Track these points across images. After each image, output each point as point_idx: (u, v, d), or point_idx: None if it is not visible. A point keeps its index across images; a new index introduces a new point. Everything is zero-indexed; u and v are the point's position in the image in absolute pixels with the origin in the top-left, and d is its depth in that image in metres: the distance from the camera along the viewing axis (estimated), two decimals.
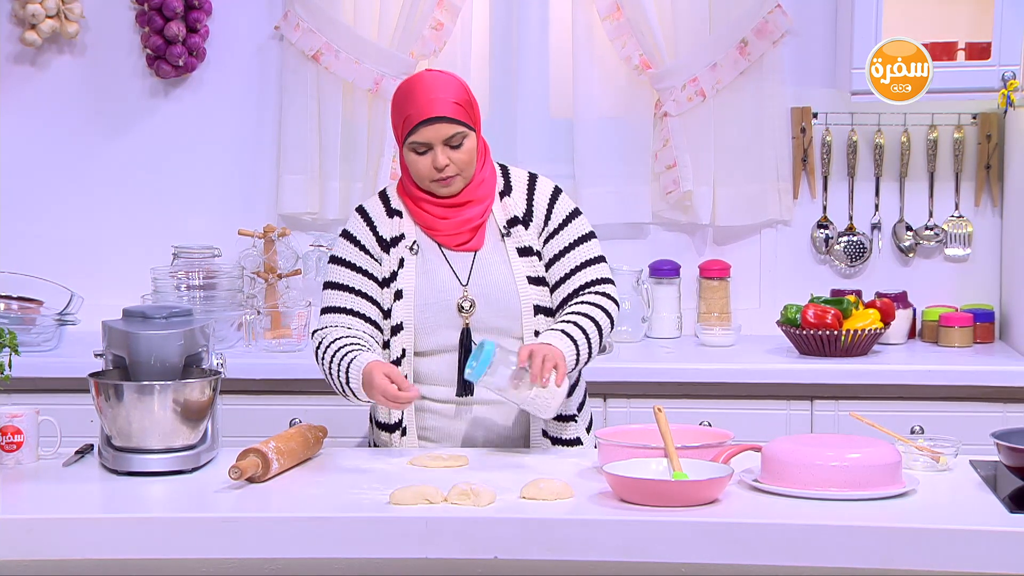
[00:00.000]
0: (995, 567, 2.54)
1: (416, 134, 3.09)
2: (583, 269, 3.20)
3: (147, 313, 2.98)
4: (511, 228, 3.19)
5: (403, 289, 3.16)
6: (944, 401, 3.99)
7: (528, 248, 3.18)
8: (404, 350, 3.16)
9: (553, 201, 3.22)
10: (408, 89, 3.12)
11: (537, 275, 3.18)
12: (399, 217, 3.20)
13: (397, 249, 3.18)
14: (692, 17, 4.42)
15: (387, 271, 3.18)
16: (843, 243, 4.52)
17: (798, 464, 2.73)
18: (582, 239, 3.21)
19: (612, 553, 2.60)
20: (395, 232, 3.19)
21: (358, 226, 3.22)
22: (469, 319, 3.15)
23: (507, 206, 3.20)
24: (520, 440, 3.21)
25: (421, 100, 3.08)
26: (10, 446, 2.97)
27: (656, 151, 4.49)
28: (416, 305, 3.16)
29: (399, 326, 3.16)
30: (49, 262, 4.49)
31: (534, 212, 3.20)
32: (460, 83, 3.15)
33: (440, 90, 3.09)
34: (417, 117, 3.07)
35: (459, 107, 3.10)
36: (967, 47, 4.22)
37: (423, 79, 3.13)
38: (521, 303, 3.16)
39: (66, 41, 4.55)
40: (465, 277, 3.16)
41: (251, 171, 4.58)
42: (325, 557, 2.64)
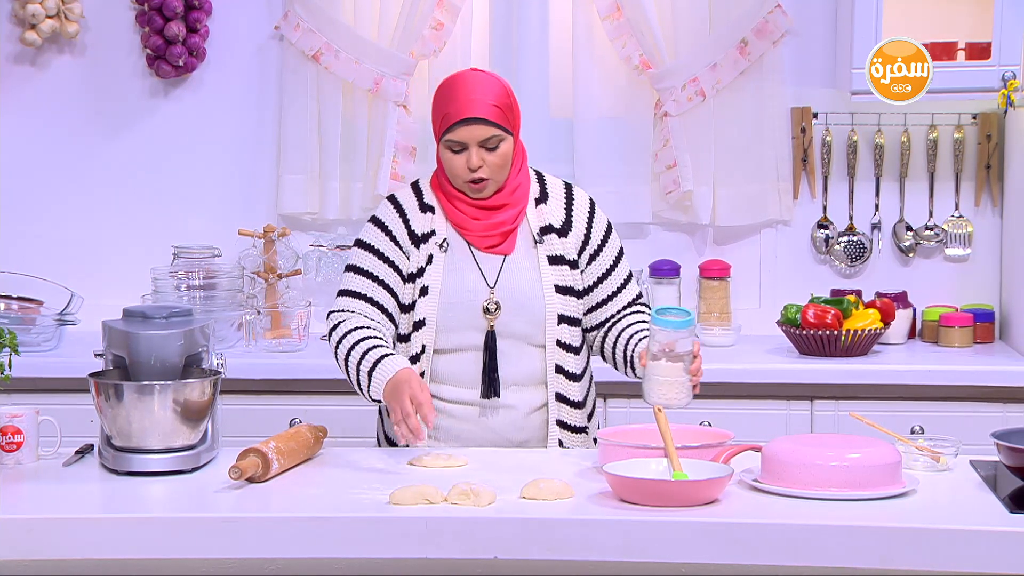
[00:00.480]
0: (995, 567, 2.54)
1: (452, 133, 3.09)
2: (623, 290, 3.25)
3: (147, 313, 2.98)
4: (544, 236, 3.19)
5: (429, 286, 3.16)
6: (944, 401, 4.00)
7: (560, 257, 3.19)
8: (424, 346, 3.16)
9: (592, 216, 3.24)
10: (450, 86, 3.12)
11: (565, 284, 3.19)
12: (431, 213, 3.20)
13: (427, 245, 3.18)
14: (692, 17, 4.42)
15: (414, 266, 3.18)
16: (843, 243, 4.52)
17: (798, 464, 2.73)
18: (619, 257, 3.26)
19: (612, 553, 2.60)
20: (427, 228, 3.19)
21: (390, 216, 3.21)
22: (494, 322, 3.15)
23: (542, 213, 3.20)
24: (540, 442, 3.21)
25: (461, 99, 3.08)
26: (10, 446, 2.97)
27: (656, 151, 4.49)
28: (441, 303, 3.15)
29: (422, 322, 3.16)
30: (49, 262, 4.49)
31: (573, 224, 3.21)
32: (503, 86, 3.14)
33: (481, 91, 3.09)
34: (455, 116, 3.07)
35: (498, 110, 3.09)
36: (967, 47, 4.22)
37: (466, 78, 3.13)
38: (546, 311, 3.16)
39: (66, 41, 4.55)
40: (493, 280, 3.16)
41: (251, 171, 4.58)
42: (325, 557, 2.64)
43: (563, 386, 3.19)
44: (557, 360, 3.18)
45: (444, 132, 3.10)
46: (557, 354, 3.18)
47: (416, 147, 4.50)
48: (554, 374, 3.18)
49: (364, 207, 4.52)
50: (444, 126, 3.09)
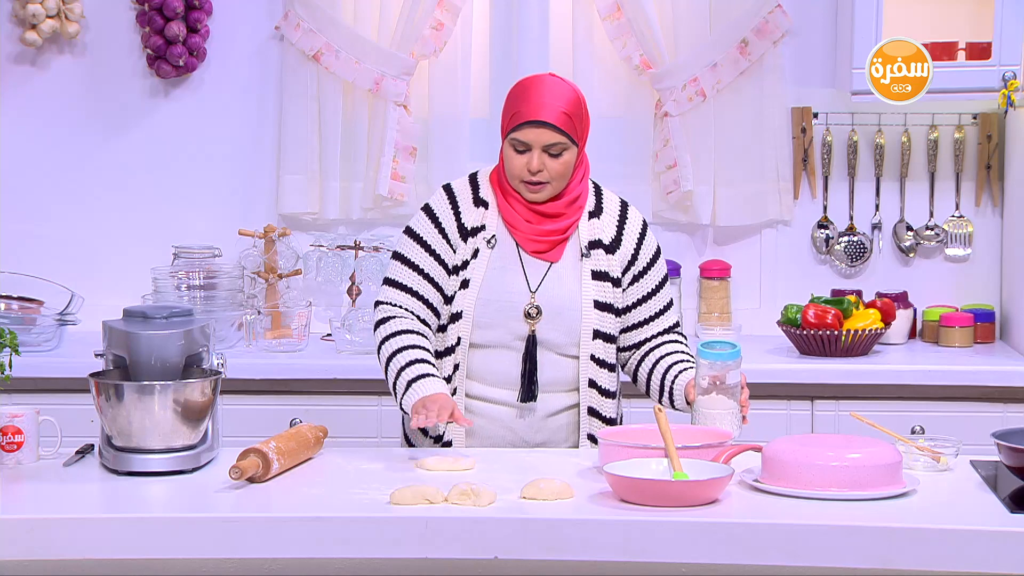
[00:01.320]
0: (995, 567, 2.54)
1: (519, 132, 3.10)
2: (662, 315, 3.26)
3: (147, 313, 2.98)
4: (592, 250, 3.19)
5: (471, 280, 3.16)
6: (944, 401, 4.00)
7: (604, 273, 3.19)
8: (459, 339, 3.17)
9: (642, 238, 3.24)
10: (525, 86, 3.13)
11: (605, 301, 3.19)
12: (484, 208, 3.20)
13: (475, 239, 3.19)
14: (692, 17, 4.42)
15: (459, 259, 3.18)
16: (843, 243, 4.52)
17: (798, 464, 2.73)
18: (662, 283, 3.27)
19: (612, 553, 2.60)
20: (477, 222, 3.19)
21: (442, 207, 3.21)
22: (535, 326, 3.16)
23: (594, 227, 3.21)
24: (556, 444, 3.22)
25: (533, 100, 3.09)
26: (10, 446, 2.97)
27: (656, 151, 4.49)
28: (479, 299, 3.16)
29: (459, 315, 3.16)
30: (49, 262, 4.49)
31: (623, 243, 3.22)
32: (577, 95, 3.14)
33: (554, 96, 3.10)
34: (524, 116, 3.08)
35: (567, 117, 3.10)
36: (967, 47, 4.22)
37: (542, 81, 3.14)
38: (582, 324, 3.16)
39: (66, 41, 4.55)
40: (535, 285, 3.17)
41: (251, 171, 4.58)
42: (325, 557, 2.64)
43: (596, 401, 3.20)
44: (591, 374, 3.19)
45: (511, 130, 3.10)
46: (591, 369, 3.18)
47: (416, 147, 4.50)
48: (587, 388, 3.19)
49: (364, 207, 4.52)
50: (512, 124, 3.10)
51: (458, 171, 4.47)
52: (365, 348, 4.13)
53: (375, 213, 4.53)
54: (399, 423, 3.41)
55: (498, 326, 3.16)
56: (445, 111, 4.48)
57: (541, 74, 3.20)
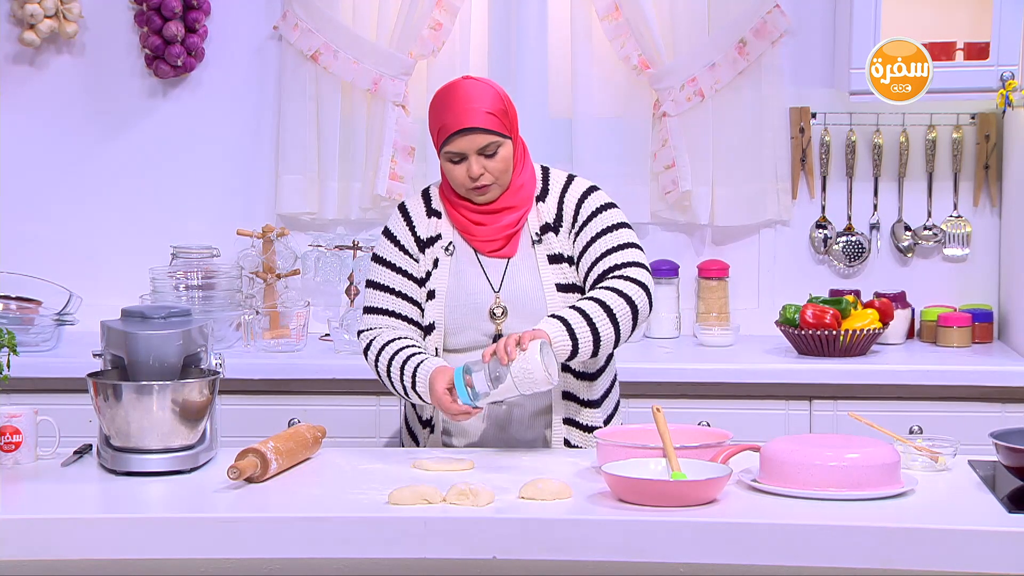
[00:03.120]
0: (994, 567, 2.54)
1: (450, 144, 3.10)
2: (609, 255, 3.15)
3: (146, 313, 2.98)
4: (542, 235, 3.19)
5: (436, 289, 3.18)
6: (943, 401, 4.00)
7: (559, 255, 3.19)
8: (436, 349, 3.19)
9: (583, 200, 3.21)
10: (443, 98, 3.12)
11: (568, 282, 3.18)
12: (437, 218, 3.22)
13: (433, 249, 3.20)
14: (691, 17, 4.42)
15: (422, 270, 3.20)
16: (842, 243, 4.52)
17: (797, 464, 2.73)
18: (610, 228, 3.18)
19: (611, 553, 2.60)
20: (432, 232, 3.21)
21: (398, 225, 3.24)
22: (502, 326, 3.16)
23: (540, 212, 3.21)
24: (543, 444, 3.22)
25: (455, 110, 3.09)
26: (9, 446, 2.97)
27: (655, 151, 4.49)
28: (447, 306, 3.18)
29: (431, 326, 3.19)
30: (48, 262, 4.49)
31: (563, 215, 3.20)
32: (495, 91, 3.14)
33: (474, 100, 3.09)
34: (451, 127, 3.09)
35: (493, 117, 3.10)
36: (966, 47, 4.22)
37: (458, 88, 3.13)
38: (547, 310, 3.15)
39: (65, 41, 4.54)
40: (498, 283, 3.18)
41: (250, 171, 4.58)
42: (324, 557, 2.64)
43: (571, 385, 3.20)
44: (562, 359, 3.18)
45: (442, 144, 3.11)
46: None
47: (415, 147, 4.50)
48: (560, 372, 3.18)
49: (363, 207, 4.52)
50: (442, 138, 3.11)
51: None
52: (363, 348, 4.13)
53: (373, 213, 4.53)
54: (398, 421, 3.41)
55: (467, 329, 3.18)
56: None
57: (455, 81, 3.18)
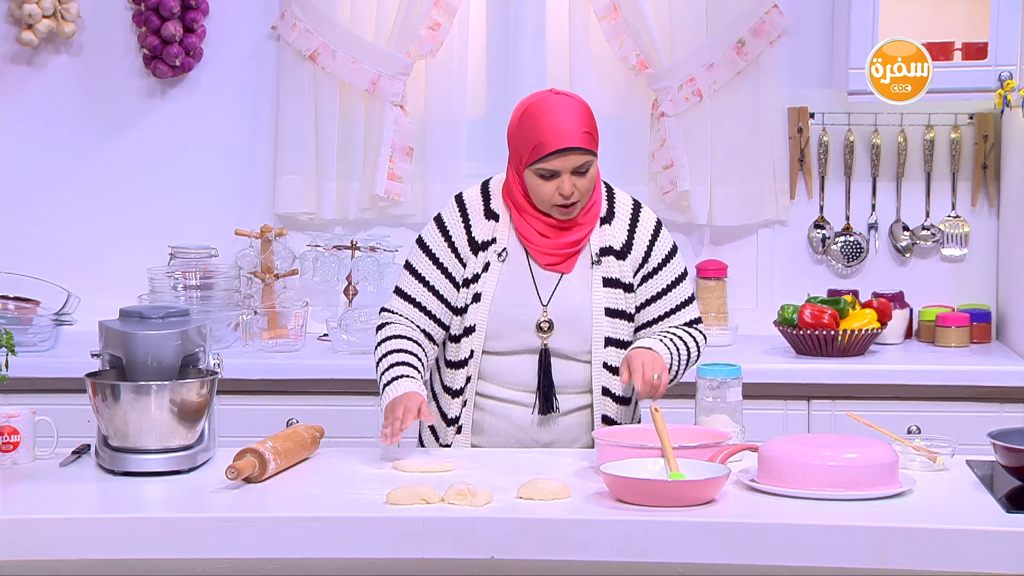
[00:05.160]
0: (991, 567, 2.54)
1: (546, 162, 3.07)
2: (676, 312, 3.23)
3: (144, 313, 2.98)
4: (603, 257, 3.18)
5: (482, 293, 3.16)
6: (941, 401, 4.00)
7: (616, 280, 3.18)
8: (472, 351, 3.17)
9: (655, 238, 3.21)
10: (538, 113, 3.09)
11: (618, 308, 3.18)
12: (495, 220, 3.19)
13: (486, 253, 3.18)
14: (689, 17, 4.42)
15: (470, 272, 3.18)
16: (840, 243, 4.52)
17: (795, 464, 2.73)
18: (677, 281, 3.23)
19: (609, 553, 2.60)
20: (488, 236, 3.19)
21: (453, 219, 3.21)
22: (547, 340, 3.15)
23: (604, 234, 3.19)
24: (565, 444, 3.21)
25: (554, 127, 3.06)
26: (7, 446, 2.96)
27: (653, 151, 4.49)
28: (492, 312, 3.16)
29: (472, 328, 3.16)
30: (46, 262, 4.49)
31: (634, 247, 3.20)
32: (588, 109, 3.13)
33: (573, 118, 3.08)
34: (550, 146, 3.05)
35: (589, 136, 3.09)
36: (964, 47, 4.22)
37: (556, 104, 3.10)
38: (593, 333, 3.16)
39: (63, 41, 4.54)
40: (547, 297, 3.17)
41: (248, 171, 4.58)
42: (322, 557, 2.64)
43: (612, 409, 3.20)
44: (604, 382, 3.18)
45: (536, 161, 3.07)
46: (604, 376, 3.17)
47: (413, 147, 4.50)
48: (601, 396, 3.18)
49: (361, 207, 4.52)
50: (536, 155, 3.07)
51: (455, 171, 4.48)
52: (362, 348, 4.13)
53: (372, 213, 4.53)
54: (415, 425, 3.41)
55: (510, 337, 3.17)
56: (442, 111, 4.48)
57: (545, 94, 3.14)
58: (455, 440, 3.21)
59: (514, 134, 3.13)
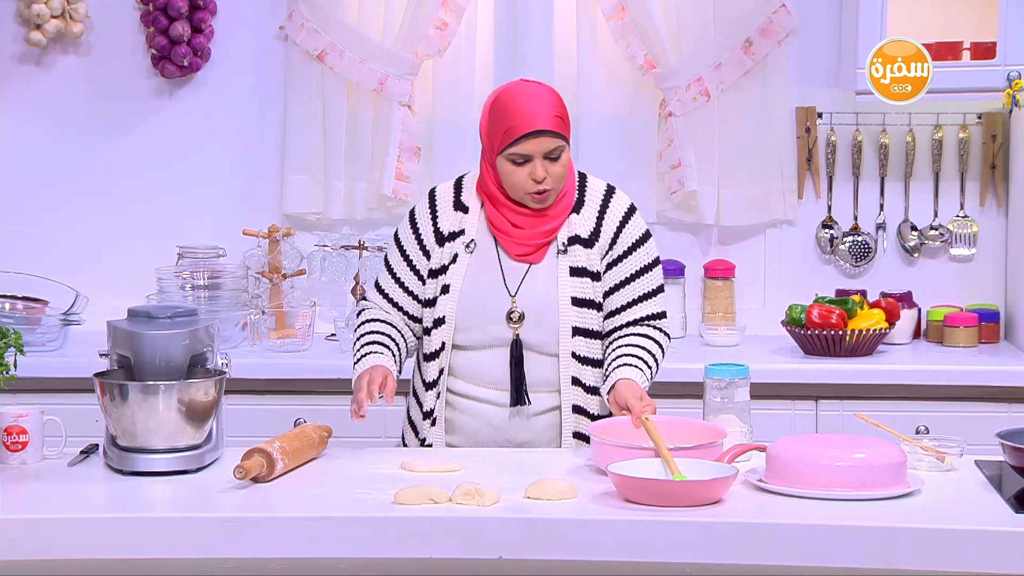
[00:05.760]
0: (1000, 567, 2.54)
1: (518, 146, 3.08)
2: (641, 302, 3.21)
3: (152, 313, 2.98)
4: (569, 246, 3.18)
5: (451, 285, 3.17)
6: (949, 401, 3.99)
7: (583, 268, 3.18)
8: (443, 343, 3.18)
9: (624, 223, 3.21)
10: (507, 100, 3.11)
11: (584, 297, 3.18)
12: (464, 212, 3.21)
13: (453, 244, 3.20)
14: (696, 17, 4.41)
15: (437, 264, 3.21)
16: (848, 243, 4.52)
17: (803, 464, 2.73)
18: (645, 269, 3.22)
19: (616, 553, 2.60)
20: (455, 227, 3.21)
21: (423, 212, 3.25)
22: (519, 330, 3.16)
23: (572, 224, 3.19)
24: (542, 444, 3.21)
25: (524, 111, 3.08)
26: (15, 446, 2.97)
27: (660, 151, 4.49)
28: (460, 303, 3.17)
29: (441, 319, 3.18)
30: (54, 262, 4.49)
31: (601, 233, 3.20)
32: (557, 95, 3.15)
33: (543, 103, 3.10)
34: (520, 129, 3.07)
35: (560, 120, 3.11)
36: (972, 47, 4.22)
37: (524, 90, 3.13)
38: (560, 323, 3.16)
39: (71, 41, 4.55)
40: (515, 288, 3.17)
41: (256, 171, 4.59)
42: (329, 557, 2.64)
43: (581, 398, 3.19)
44: (573, 372, 3.18)
45: (507, 146, 3.09)
46: (573, 366, 3.17)
47: (421, 147, 4.50)
48: (571, 386, 3.18)
49: (368, 207, 4.52)
50: (508, 139, 3.08)
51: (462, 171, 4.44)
52: None
53: (379, 213, 4.53)
54: (401, 422, 3.41)
55: (479, 329, 3.17)
56: (449, 111, 4.48)
57: (516, 83, 3.18)
58: (430, 433, 3.22)
59: (486, 123, 3.15)
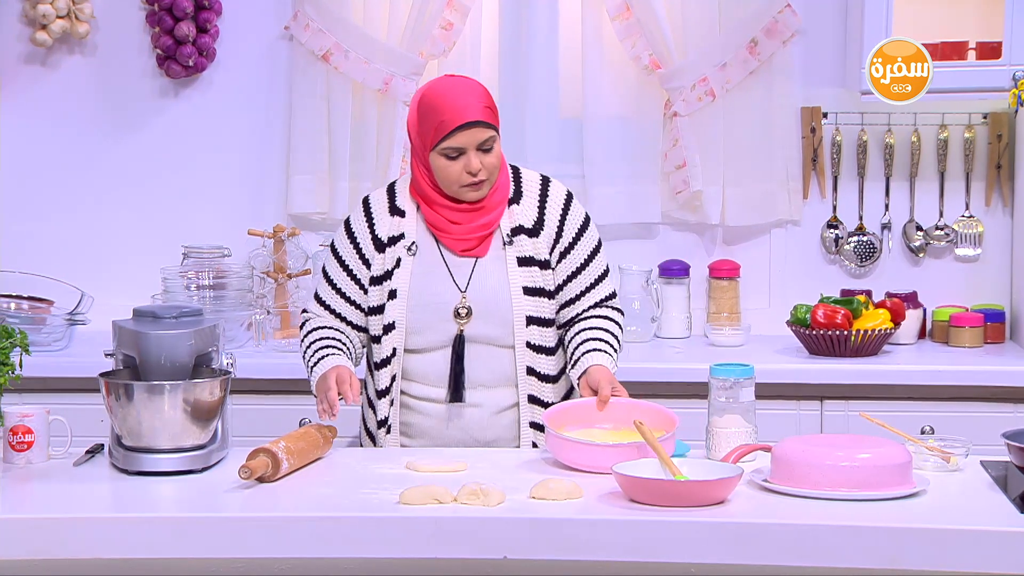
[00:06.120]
0: (1005, 568, 2.53)
1: (451, 139, 3.09)
2: (595, 287, 3.24)
3: (157, 313, 2.98)
4: (514, 237, 3.19)
5: (397, 289, 3.17)
6: (954, 401, 3.99)
7: (530, 258, 3.19)
8: (394, 349, 3.18)
9: (566, 212, 3.23)
10: (439, 96, 3.12)
11: (535, 285, 3.19)
12: (401, 216, 3.21)
13: (394, 249, 3.20)
14: (702, 17, 4.41)
15: (379, 270, 3.20)
16: (853, 243, 4.52)
17: (808, 464, 2.73)
18: (593, 254, 3.24)
19: (622, 553, 2.60)
20: (394, 231, 3.20)
21: (358, 221, 3.24)
22: (465, 326, 3.15)
23: (514, 214, 3.20)
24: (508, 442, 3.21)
25: (454, 105, 3.09)
26: (21, 446, 2.97)
27: (665, 151, 4.49)
28: (409, 306, 3.17)
29: (391, 325, 3.18)
30: (59, 262, 4.50)
31: (545, 223, 3.21)
32: (484, 88, 3.17)
33: (471, 95, 3.11)
34: (453, 123, 3.08)
35: (490, 111, 3.12)
36: (977, 47, 4.21)
37: (452, 84, 3.14)
38: (514, 313, 3.17)
39: (76, 41, 4.55)
40: (464, 283, 3.17)
41: (261, 171, 4.59)
42: (335, 557, 2.64)
43: (536, 388, 3.20)
44: (528, 362, 3.18)
45: (440, 140, 3.09)
46: (528, 356, 3.18)
47: None
48: (526, 376, 3.19)
49: None
50: (440, 133, 3.09)
51: None
52: None
53: None
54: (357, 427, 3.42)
55: (430, 330, 3.17)
56: None
57: (440, 79, 3.20)
58: (387, 440, 3.22)
59: (415, 122, 3.15)
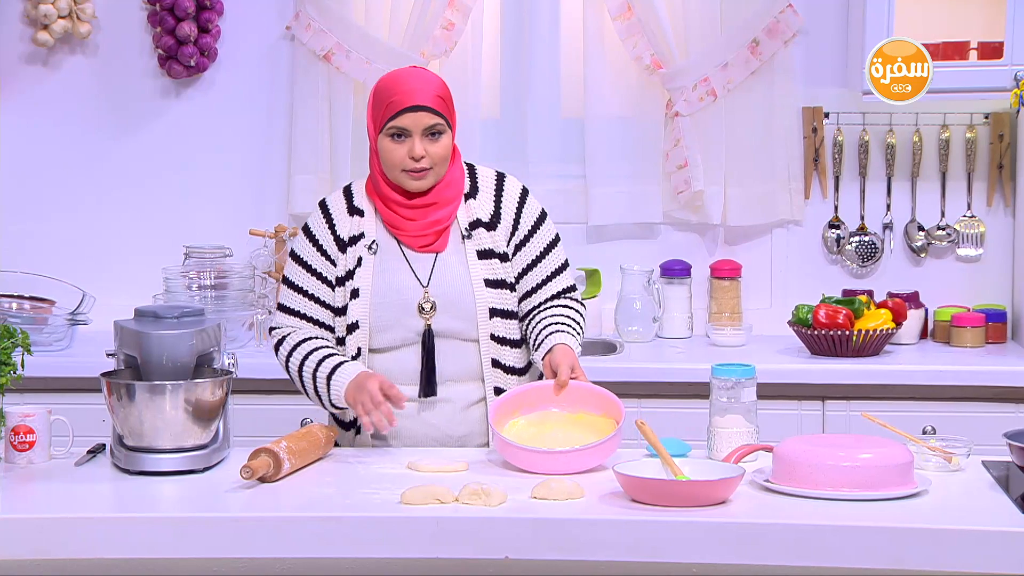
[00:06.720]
0: (1007, 568, 2.53)
1: (397, 119, 3.09)
2: (553, 279, 3.25)
3: (159, 313, 2.99)
4: (472, 231, 3.20)
5: (360, 288, 3.17)
6: (956, 401, 3.99)
7: (489, 251, 3.20)
8: (359, 348, 3.18)
9: (521, 205, 3.24)
10: (392, 79, 3.14)
11: (496, 278, 3.19)
12: (360, 216, 3.21)
13: (355, 248, 3.20)
14: (703, 17, 4.41)
15: (342, 270, 3.20)
16: (855, 243, 4.52)
17: (809, 464, 2.73)
18: (550, 246, 3.25)
19: (623, 553, 2.60)
20: (354, 231, 3.20)
21: (317, 223, 3.24)
22: (430, 320, 3.16)
23: (471, 208, 3.21)
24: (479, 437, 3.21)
25: (406, 88, 3.10)
26: (22, 446, 2.97)
27: (667, 151, 4.49)
28: (373, 304, 3.17)
29: (355, 325, 3.17)
30: (61, 262, 4.50)
31: (502, 216, 3.22)
32: (442, 81, 3.18)
33: (424, 82, 3.13)
34: (400, 104, 3.09)
35: (441, 100, 3.13)
36: (979, 47, 4.21)
37: (408, 71, 3.18)
38: (477, 306, 3.17)
39: (78, 41, 4.56)
40: (426, 279, 3.17)
41: (262, 171, 4.59)
42: (336, 557, 2.64)
43: (502, 380, 3.20)
44: (493, 354, 3.18)
45: (388, 120, 3.10)
46: (492, 348, 3.18)
47: None
48: (491, 368, 3.19)
49: None
50: (388, 113, 3.10)
51: None
52: None
53: None
54: None
55: (395, 327, 3.17)
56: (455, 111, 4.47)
57: (399, 69, 3.21)
58: (355, 442, 3.21)
59: (370, 107, 3.16)
